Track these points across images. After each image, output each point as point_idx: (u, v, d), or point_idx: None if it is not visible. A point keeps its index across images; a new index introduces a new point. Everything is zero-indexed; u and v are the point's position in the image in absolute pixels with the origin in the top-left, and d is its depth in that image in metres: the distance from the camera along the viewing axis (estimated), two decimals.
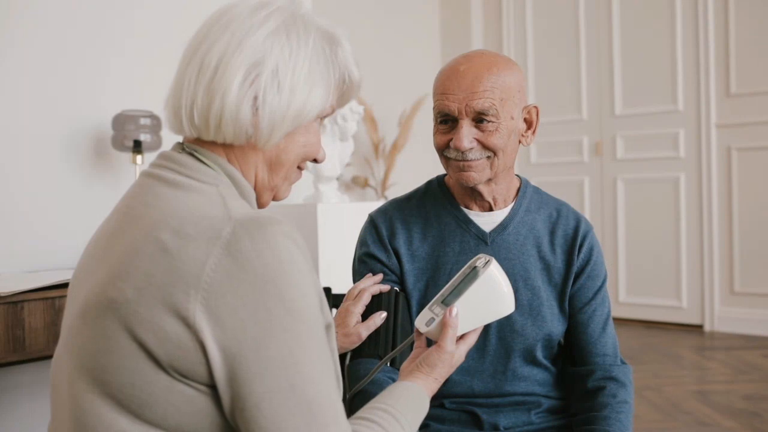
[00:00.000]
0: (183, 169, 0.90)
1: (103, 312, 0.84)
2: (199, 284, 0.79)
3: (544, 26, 5.01)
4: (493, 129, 1.30)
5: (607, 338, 1.42)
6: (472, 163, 1.31)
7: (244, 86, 0.88)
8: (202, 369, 0.81)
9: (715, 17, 4.33)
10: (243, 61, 0.88)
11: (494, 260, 1.06)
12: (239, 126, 0.89)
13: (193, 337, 0.79)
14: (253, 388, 0.79)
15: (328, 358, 0.85)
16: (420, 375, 1.01)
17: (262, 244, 0.81)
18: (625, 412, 1.33)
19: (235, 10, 0.92)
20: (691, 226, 4.46)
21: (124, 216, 0.90)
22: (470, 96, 1.28)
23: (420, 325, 1.06)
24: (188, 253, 0.81)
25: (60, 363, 0.91)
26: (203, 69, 0.89)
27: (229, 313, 0.79)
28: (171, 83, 0.93)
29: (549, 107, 4.90)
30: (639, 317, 4.63)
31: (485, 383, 1.38)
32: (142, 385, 0.82)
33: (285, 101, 0.90)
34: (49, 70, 2.28)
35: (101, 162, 2.41)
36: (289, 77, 0.90)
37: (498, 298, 1.06)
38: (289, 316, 0.80)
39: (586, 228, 1.43)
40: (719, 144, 4.36)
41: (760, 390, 3.24)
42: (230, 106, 0.88)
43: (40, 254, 2.22)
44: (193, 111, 0.90)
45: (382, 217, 1.44)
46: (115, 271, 0.84)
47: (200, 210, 0.85)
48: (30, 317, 1.77)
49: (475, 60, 1.32)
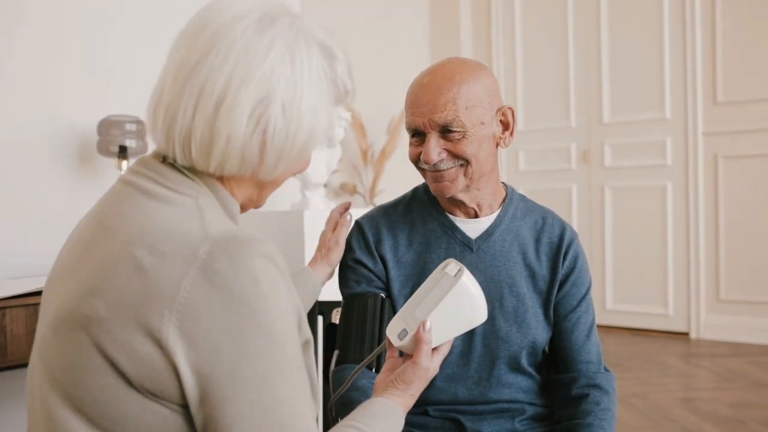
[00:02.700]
0: (162, 179, 0.87)
1: (75, 327, 0.82)
2: (173, 305, 0.77)
3: (533, 34, 5.03)
4: (460, 137, 1.29)
5: (591, 346, 1.42)
6: (444, 173, 1.32)
7: (251, 122, 0.84)
8: (175, 390, 0.79)
9: (702, 26, 4.36)
10: (251, 97, 0.83)
11: (465, 269, 1.03)
12: (245, 162, 0.87)
13: (166, 358, 0.78)
14: (226, 411, 0.78)
15: (304, 379, 0.84)
16: (395, 392, 1.00)
17: (240, 266, 0.79)
18: (608, 420, 1.33)
19: (237, 27, 0.85)
20: (678, 234, 4.48)
21: (98, 225, 0.88)
22: (432, 110, 1.28)
23: (392, 337, 1.03)
24: (163, 272, 0.78)
25: (33, 373, 0.90)
26: (203, 99, 0.83)
27: (203, 335, 0.77)
28: (159, 99, 0.87)
29: (537, 114, 4.91)
30: (625, 324, 4.64)
31: (469, 390, 1.37)
32: (113, 403, 0.80)
33: (293, 133, 0.87)
34: (33, 74, 2.26)
35: (86, 167, 2.40)
36: (296, 109, 0.87)
37: (471, 309, 1.03)
38: (263, 338, 0.79)
39: (571, 236, 1.43)
40: (706, 152, 4.39)
41: (745, 397, 3.25)
42: (237, 143, 0.85)
43: (22, 260, 2.20)
44: (190, 143, 0.85)
45: (369, 223, 1.44)
46: (89, 286, 0.82)
47: (177, 226, 0.82)
48: (12, 324, 1.75)
49: (438, 72, 1.31)
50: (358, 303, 1.38)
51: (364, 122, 4.50)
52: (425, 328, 1.00)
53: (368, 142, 4.58)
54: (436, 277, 1.06)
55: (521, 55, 5.07)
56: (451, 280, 1.02)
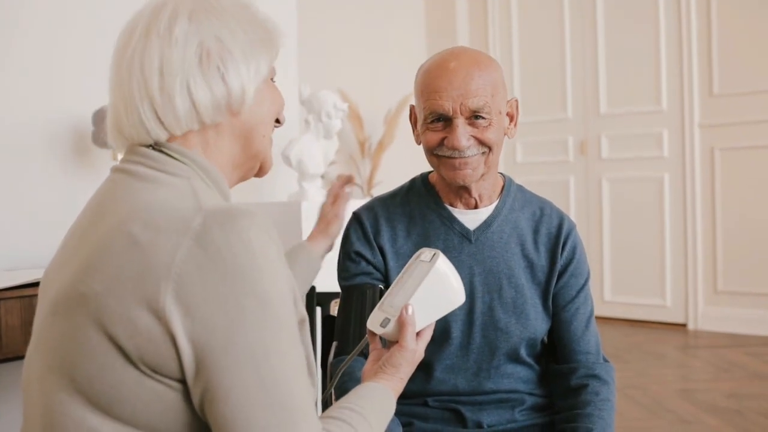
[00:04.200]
0: (153, 163, 0.89)
1: (73, 307, 0.83)
2: (169, 275, 0.78)
3: (529, 25, 5.02)
4: (487, 125, 1.30)
5: (590, 336, 1.42)
6: (469, 159, 1.30)
7: (189, 54, 0.88)
8: (173, 362, 0.79)
9: (698, 18, 4.35)
10: (188, 49, 0.88)
11: (441, 253, 1.04)
12: (214, 95, 0.89)
13: (164, 329, 0.78)
14: (222, 382, 0.77)
15: (301, 353, 0.83)
16: (385, 376, 0.99)
17: (233, 236, 0.80)
18: (607, 410, 1.32)
19: (140, 20, 0.93)
20: (675, 226, 4.48)
21: (94, 212, 0.90)
22: (464, 94, 1.27)
23: (374, 327, 1.03)
24: (158, 245, 0.80)
25: (31, 363, 0.90)
26: (146, 70, 0.88)
27: (199, 304, 0.78)
28: (116, 104, 0.92)
29: (534, 106, 4.90)
30: (623, 316, 4.64)
31: (469, 381, 1.37)
32: (111, 381, 0.81)
33: (242, 61, 0.91)
34: (28, 64, 2.25)
35: (81, 158, 2.38)
36: (233, 43, 0.90)
37: (449, 292, 1.04)
38: (259, 308, 0.79)
39: (570, 226, 1.43)
40: (702, 144, 4.38)
41: (743, 388, 3.25)
42: (190, 79, 0.88)
43: (17, 252, 2.19)
44: (157, 113, 0.89)
45: (367, 213, 1.43)
46: (85, 265, 0.83)
47: (171, 202, 0.84)
48: (7, 315, 1.74)
49: (463, 57, 1.31)
50: (356, 294, 1.38)
51: (361, 114, 4.48)
52: (408, 312, 1.01)
53: (365, 133, 4.57)
54: (410, 269, 1.07)
55: (518, 46, 5.06)
56: (427, 265, 1.03)
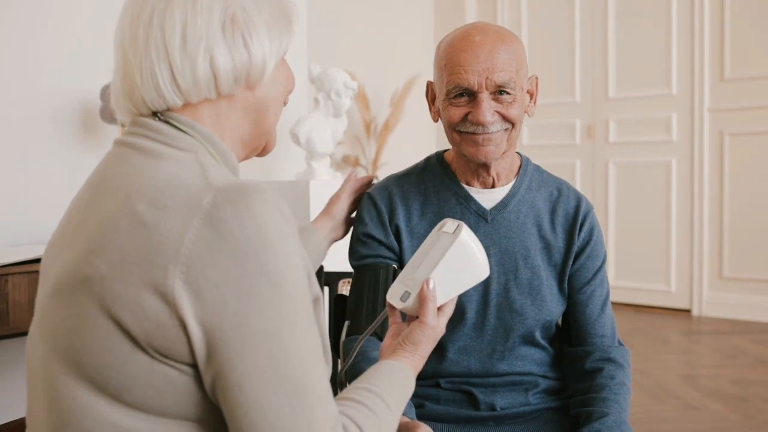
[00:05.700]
0: (159, 135, 0.85)
1: (76, 290, 0.79)
2: (177, 258, 0.74)
3: (538, 8, 4.96)
4: (511, 101, 1.28)
5: (605, 319, 1.40)
6: (492, 135, 1.28)
7: (227, 33, 0.85)
8: (183, 347, 0.76)
9: (711, 1, 4.30)
10: (213, 14, 0.84)
11: (464, 225, 1.00)
12: (237, 63, 0.86)
13: (173, 313, 0.75)
14: (235, 366, 0.75)
15: (315, 334, 0.80)
16: (404, 353, 0.96)
17: (245, 214, 0.76)
18: (623, 394, 1.31)
19: None
20: (682, 211, 4.45)
21: (97, 187, 0.85)
22: (491, 68, 1.25)
23: (394, 300, 1.00)
24: (166, 225, 0.76)
25: (33, 345, 0.86)
26: (168, 35, 0.83)
27: (209, 288, 0.74)
28: (124, 68, 0.86)
29: (542, 90, 4.83)
30: (628, 301, 4.63)
31: (482, 363, 1.35)
32: (119, 367, 0.77)
33: (266, 34, 0.88)
34: (35, 38, 2.22)
35: (89, 134, 2.36)
36: (257, 15, 0.87)
37: (472, 265, 1.00)
38: (273, 289, 0.76)
39: (587, 208, 1.40)
40: (712, 129, 4.35)
41: (748, 374, 3.25)
42: (215, 48, 0.84)
43: (24, 228, 2.17)
44: (176, 78, 0.84)
45: (381, 193, 1.40)
46: (89, 246, 0.79)
47: (178, 179, 0.80)
48: (14, 291, 1.72)
49: (489, 31, 1.28)
50: (369, 274, 1.36)
51: (367, 95, 4.45)
52: (429, 286, 0.97)
53: (371, 114, 4.53)
54: (433, 238, 1.03)
55: (527, 29, 5.01)
56: (450, 237, 1.00)
